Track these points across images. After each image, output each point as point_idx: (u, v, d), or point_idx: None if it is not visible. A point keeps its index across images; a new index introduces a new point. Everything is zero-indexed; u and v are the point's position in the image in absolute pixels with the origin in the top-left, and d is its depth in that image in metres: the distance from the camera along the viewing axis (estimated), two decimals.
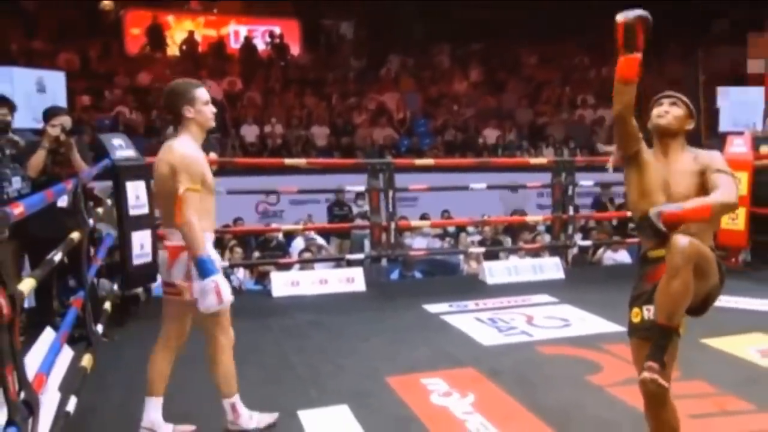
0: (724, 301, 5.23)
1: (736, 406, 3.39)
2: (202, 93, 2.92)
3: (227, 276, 6.76)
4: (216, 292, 2.74)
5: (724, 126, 9.72)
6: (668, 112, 2.57)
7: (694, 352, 4.11)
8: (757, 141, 6.79)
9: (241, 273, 7.01)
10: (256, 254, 7.69)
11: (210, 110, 2.93)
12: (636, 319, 2.52)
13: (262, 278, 6.62)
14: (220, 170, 7.12)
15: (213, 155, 5.47)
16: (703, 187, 2.46)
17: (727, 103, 10.03)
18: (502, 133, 13.45)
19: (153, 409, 3.01)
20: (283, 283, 5.88)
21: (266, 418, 3.18)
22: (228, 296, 2.79)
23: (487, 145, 13.06)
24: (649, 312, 2.45)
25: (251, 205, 10.57)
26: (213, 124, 2.96)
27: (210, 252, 2.85)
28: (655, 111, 2.61)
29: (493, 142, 13.16)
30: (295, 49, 15.38)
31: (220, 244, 7.52)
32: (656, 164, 2.57)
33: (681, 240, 2.26)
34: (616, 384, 3.63)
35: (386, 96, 13.98)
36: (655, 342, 2.35)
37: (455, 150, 12.72)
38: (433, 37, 15.40)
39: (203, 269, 2.75)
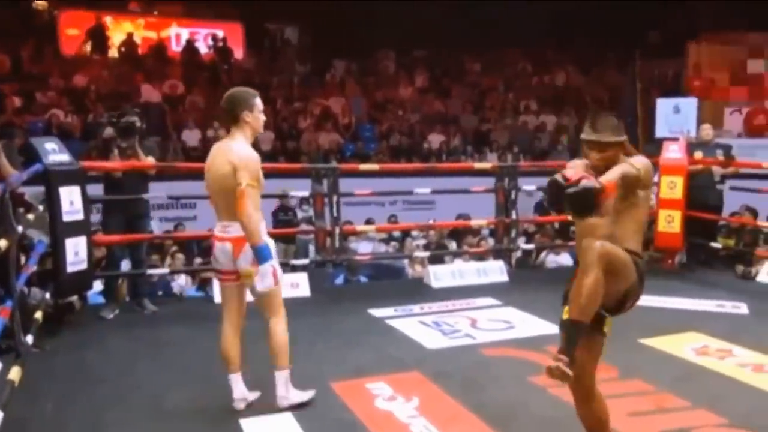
0: (661, 301, 5.44)
1: (673, 404, 3.50)
2: (259, 102, 3.30)
3: (168, 283, 6.66)
4: (273, 274, 3.15)
5: (660, 132, 10.08)
6: (600, 159, 2.63)
7: (632, 352, 4.22)
8: (691, 147, 7.02)
9: (182, 279, 6.86)
10: (198, 260, 7.54)
11: (263, 118, 3.32)
12: (564, 316, 2.63)
13: (204, 284, 6.50)
14: (161, 175, 7.00)
15: (151, 159, 5.32)
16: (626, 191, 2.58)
17: (663, 111, 10.43)
18: (447, 138, 13.59)
19: (238, 384, 3.42)
20: None
21: (307, 394, 3.48)
22: (281, 277, 3.24)
23: (432, 150, 13.18)
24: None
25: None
26: (262, 130, 3.36)
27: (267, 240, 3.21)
28: (589, 156, 2.67)
29: (437, 147, 13.28)
30: (238, 53, 15.19)
31: (160, 250, 7.35)
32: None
33: (593, 242, 2.44)
34: (558, 384, 3.66)
35: (331, 101, 13.95)
36: (567, 336, 2.47)
37: (400, 155, 12.78)
38: (378, 42, 15.46)
39: (262, 255, 3.14)
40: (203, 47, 15.01)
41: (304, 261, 6.66)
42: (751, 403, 3.56)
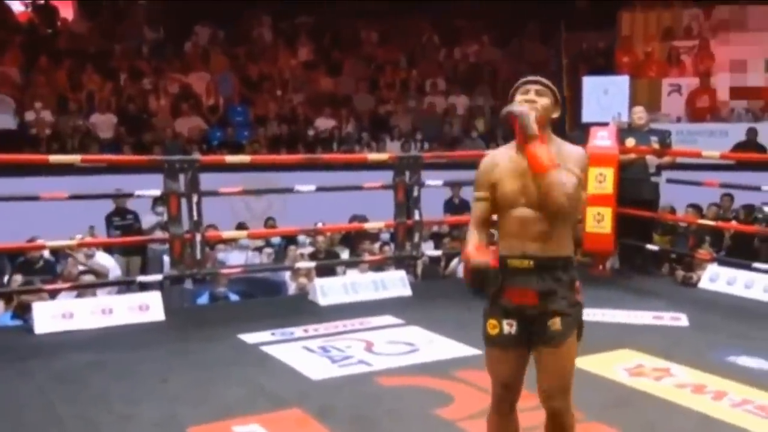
0: (590, 314, 5.61)
1: None
2: None
3: None
4: None
5: (587, 116, 10.54)
6: (536, 101, 2.71)
7: None
8: (622, 133, 7.33)
9: None
10: (18, 279, 7.20)
11: None
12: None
13: (23, 311, 6.19)
14: None
15: None
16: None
17: (591, 91, 10.91)
18: (338, 123, 13.63)
19: None
20: (50, 316, 5.58)
21: None
22: None
23: (320, 138, 13.19)
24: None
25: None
26: None
27: None
28: (520, 98, 2.73)
29: (326, 134, 13.30)
30: (67, 13, 14.69)
31: None
32: (516, 164, 2.72)
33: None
34: (469, 417, 3.76)
35: (192, 77, 13.72)
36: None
37: (281, 144, 12.72)
38: (251, 3, 15.30)
39: None
40: (18, 5, 14.42)
41: (156, 277, 6.53)
42: (690, 429, 3.76)
